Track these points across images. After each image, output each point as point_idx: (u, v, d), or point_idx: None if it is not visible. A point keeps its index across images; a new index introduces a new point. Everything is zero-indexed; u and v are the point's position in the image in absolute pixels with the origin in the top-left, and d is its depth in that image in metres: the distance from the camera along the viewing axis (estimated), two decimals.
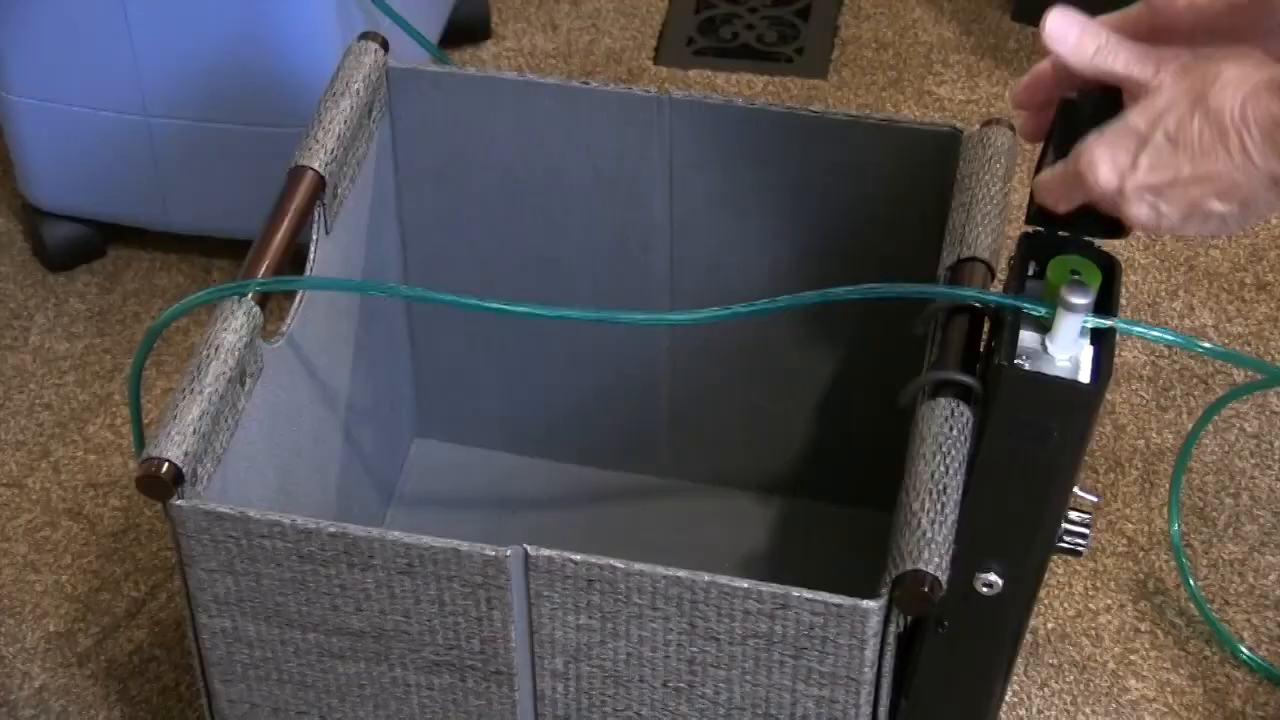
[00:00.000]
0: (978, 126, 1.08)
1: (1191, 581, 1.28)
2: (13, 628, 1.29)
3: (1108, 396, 1.20)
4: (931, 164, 1.10)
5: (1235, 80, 0.77)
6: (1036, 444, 0.86)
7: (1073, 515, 0.91)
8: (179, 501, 0.92)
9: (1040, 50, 0.85)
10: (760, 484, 1.30)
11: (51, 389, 1.46)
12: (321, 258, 1.08)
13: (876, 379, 1.17)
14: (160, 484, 0.91)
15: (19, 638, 1.28)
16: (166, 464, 0.91)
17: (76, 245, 1.55)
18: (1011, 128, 1.07)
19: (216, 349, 0.96)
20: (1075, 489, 0.90)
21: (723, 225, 1.18)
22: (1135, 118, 0.81)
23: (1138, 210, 0.81)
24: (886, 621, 0.88)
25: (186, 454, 0.91)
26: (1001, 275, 0.99)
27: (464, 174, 1.19)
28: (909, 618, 0.89)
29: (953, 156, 1.08)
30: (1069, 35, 0.83)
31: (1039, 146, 0.89)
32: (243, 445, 0.99)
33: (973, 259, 0.98)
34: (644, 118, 1.13)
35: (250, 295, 0.99)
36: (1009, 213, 1.04)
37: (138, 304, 1.53)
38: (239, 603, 0.96)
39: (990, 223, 1.01)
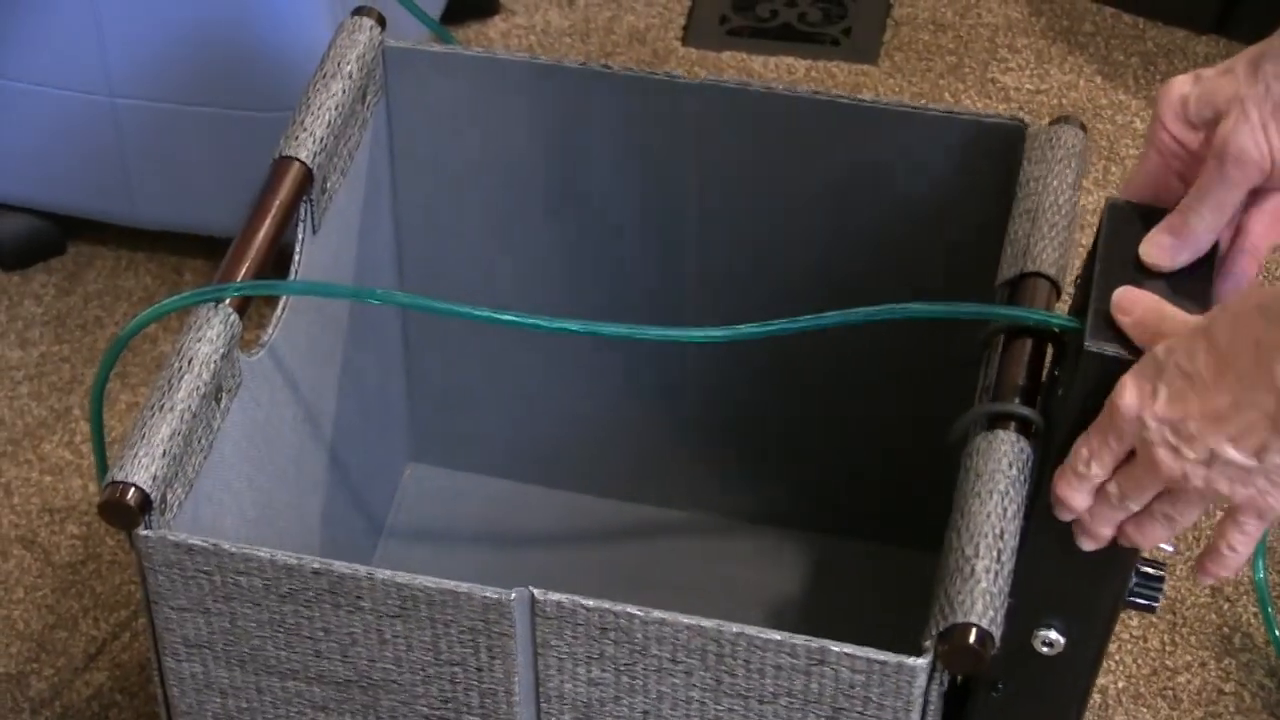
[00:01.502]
0: (1047, 122, 1.08)
1: (1279, 634, 1.29)
2: None
3: None
4: (993, 163, 1.10)
5: (1233, 304, 0.81)
6: None
7: (1145, 567, 0.91)
8: (145, 531, 0.93)
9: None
10: (790, 519, 1.31)
11: (3, 402, 1.47)
12: (307, 259, 1.09)
13: (919, 407, 1.17)
14: (126, 511, 0.92)
15: None
16: (133, 489, 0.92)
17: (33, 241, 1.56)
18: (1083, 126, 1.08)
19: (189, 361, 0.97)
20: None
21: (757, 228, 1.18)
22: (1159, 347, 0.84)
23: (1162, 455, 0.82)
24: (930, 680, 0.88)
25: (155, 478, 0.93)
26: (1069, 293, 1.00)
27: (467, 167, 1.20)
28: (958, 676, 0.89)
29: (1017, 155, 1.08)
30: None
31: (1114, 148, 0.90)
32: (217, 469, 1.00)
33: (1036, 274, 0.99)
34: (670, 106, 1.14)
35: (228, 301, 1.00)
36: (1082, 221, 1.05)
37: (100, 307, 1.54)
38: (211, 645, 0.97)
39: (1057, 234, 1.01)
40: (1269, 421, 0.79)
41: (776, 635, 0.88)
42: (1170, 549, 0.95)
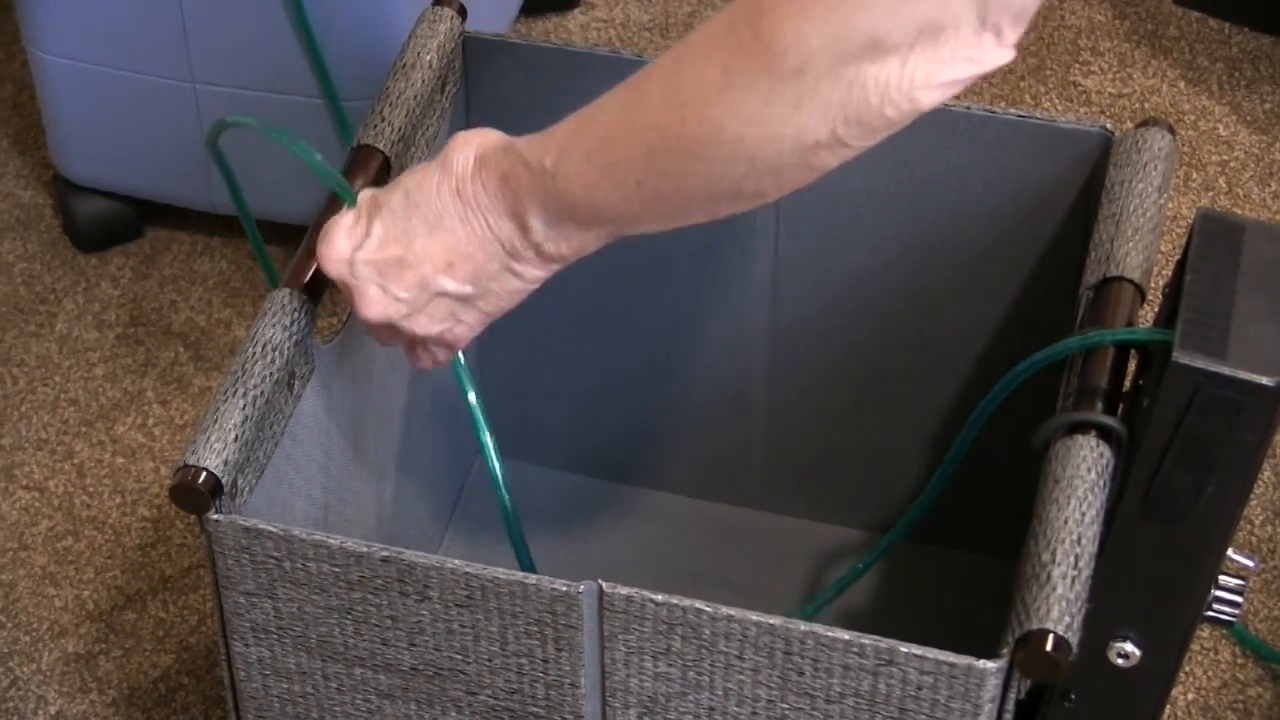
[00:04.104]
0: (1131, 126, 1.07)
1: None
2: (28, 646, 1.31)
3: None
4: (1076, 168, 1.09)
5: (465, 140, 0.90)
6: (1194, 474, 0.85)
7: (1224, 580, 0.90)
8: (216, 516, 0.93)
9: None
10: (862, 521, 1.30)
11: (78, 383, 1.48)
12: None
13: (998, 411, 1.16)
14: (196, 495, 0.92)
15: (35, 657, 1.30)
16: (204, 473, 0.92)
17: (110, 224, 1.57)
18: (1171, 129, 1.06)
19: (263, 347, 0.97)
20: (1229, 550, 0.90)
21: (832, 228, 1.18)
22: (376, 190, 0.93)
23: (365, 291, 0.92)
24: (1006, 686, 0.87)
25: (226, 463, 0.93)
26: (1154, 298, 0.98)
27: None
28: (1031, 683, 0.88)
29: (1102, 160, 1.07)
30: None
31: (1197, 154, 0.88)
32: (288, 455, 1.00)
33: (1120, 279, 0.98)
34: None
35: (301, 287, 1.00)
36: (1164, 227, 1.04)
37: (175, 292, 1.55)
38: (278, 630, 0.97)
39: (1143, 238, 1.00)
40: (502, 250, 0.90)
41: (845, 634, 0.87)
42: (1250, 563, 0.94)
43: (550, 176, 0.87)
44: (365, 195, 0.94)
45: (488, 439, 1.05)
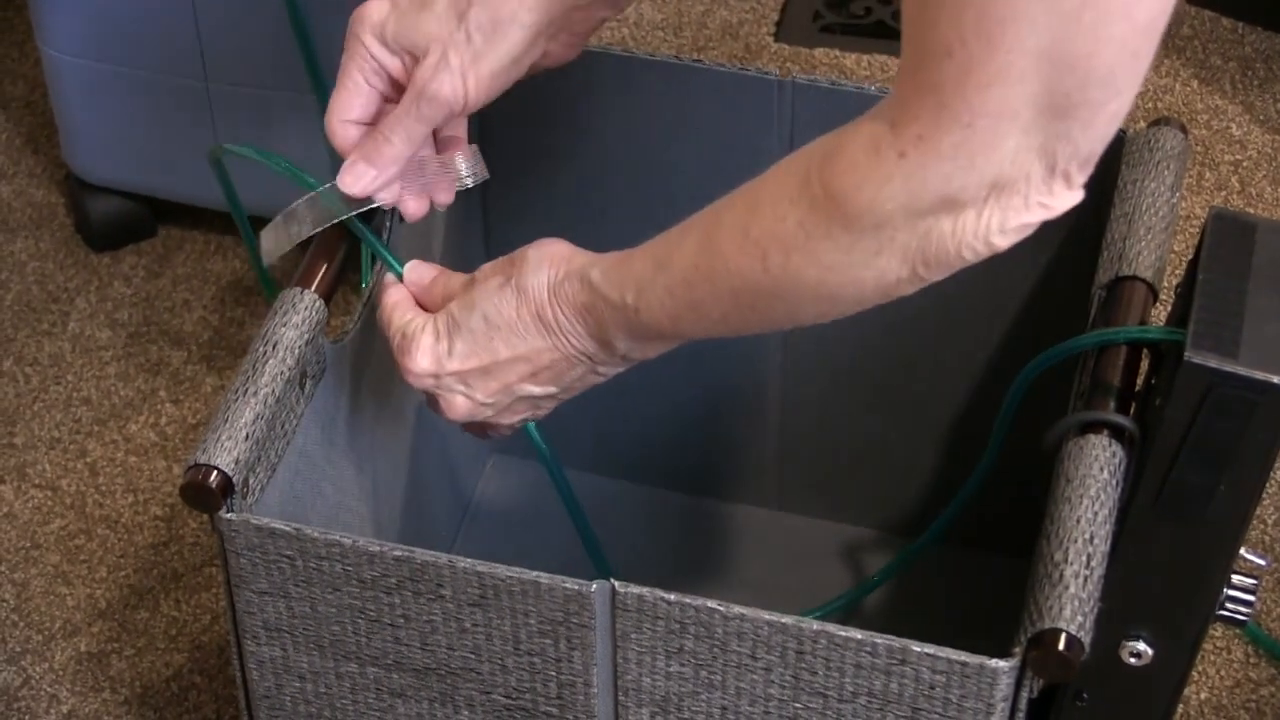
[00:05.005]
0: (1144, 125, 1.07)
1: None
2: (40, 645, 1.31)
3: None
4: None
5: (537, 262, 0.94)
6: (1206, 473, 0.85)
7: (1237, 579, 0.90)
8: (228, 515, 0.93)
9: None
10: (877, 521, 1.30)
11: (91, 382, 1.48)
12: (397, 246, 1.09)
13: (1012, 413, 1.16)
14: (207, 494, 0.92)
15: (47, 656, 1.31)
16: (215, 472, 0.92)
17: (124, 223, 1.58)
18: (1183, 128, 1.06)
19: (274, 346, 0.97)
20: (1242, 549, 0.90)
21: None
22: (452, 307, 0.96)
23: (451, 400, 0.97)
24: (1019, 685, 0.87)
25: (238, 461, 0.93)
26: (1166, 298, 0.98)
27: (556, 160, 1.20)
28: (1043, 683, 0.88)
29: (1114, 158, 1.07)
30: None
31: (1209, 153, 0.88)
32: (300, 454, 1.00)
33: (1133, 278, 0.98)
34: (762, 102, 1.13)
35: (314, 287, 1.00)
36: (1178, 226, 1.04)
37: (189, 291, 1.55)
38: (291, 629, 0.97)
39: (1155, 237, 1.00)
40: (583, 357, 0.95)
41: (857, 634, 0.87)
42: (1263, 562, 0.94)
43: (633, 311, 0.91)
44: (443, 317, 0.97)
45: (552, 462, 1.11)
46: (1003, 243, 0.81)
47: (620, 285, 0.91)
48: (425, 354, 0.96)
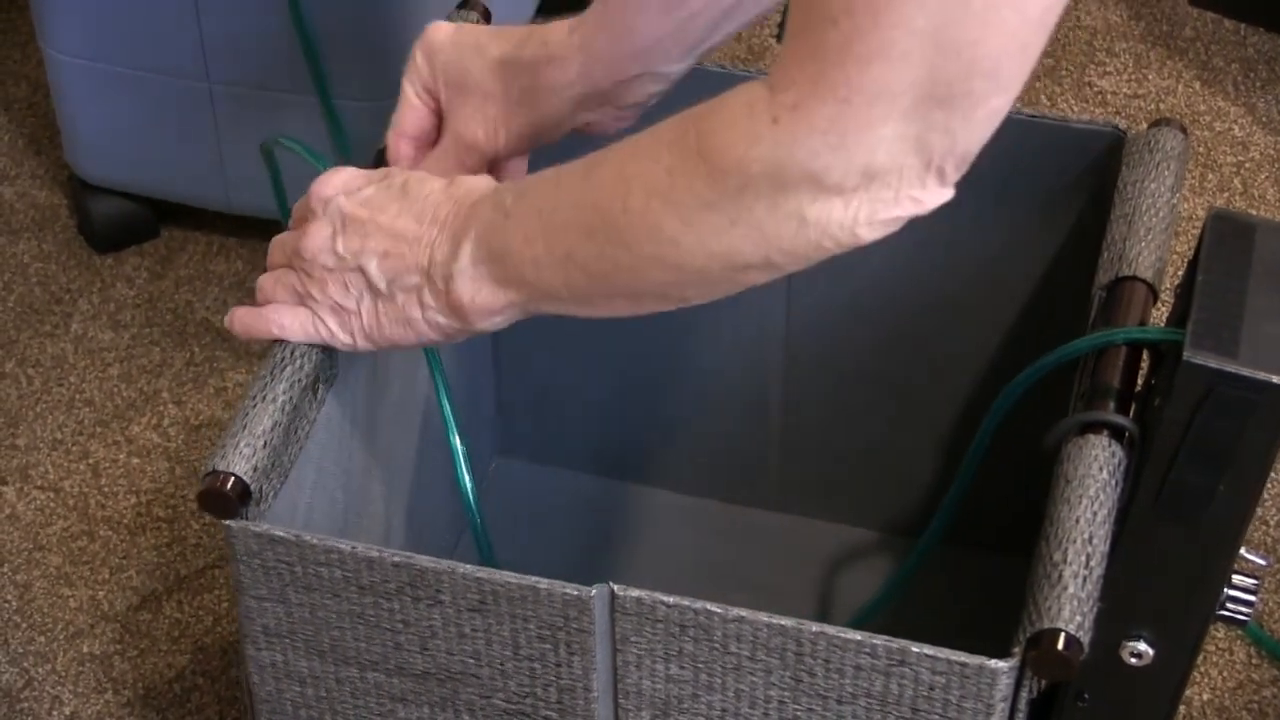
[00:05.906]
0: (1145, 126, 1.07)
1: None
2: (43, 646, 1.31)
3: None
4: (1090, 167, 1.09)
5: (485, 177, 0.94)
6: (1206, 473, 0.85)
7: (1238, 580, 0.90)
8: (228, 522, 0.93)
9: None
10: (878, 522, 1.30)
11: (93, 383, 1.48)
12: None
13: (1012, 412, 1.16)
14: (225, 501, 0.92)
15: (50, 658, 1.31)
16: (233, 479, 0.92)
17: (126, 224, 1.58)
18: (1183, 129, 1.06)
19: (291, 352, 0.97)
20: (1242, 549, 0.89)
21: None
22: (396, 168, 0.97)
23: (319, 228, 0.94)
24: (1018, 686, 0.87)
25: (256, 469, 0.93)
26: (1166, 298, 0.98)
27: (556, 160, 1.20)
28: (1043, 683, 0.88)
29: (1115, 160, 1.07)
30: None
31: (1211, 155, 0.88)
32: (311, 459, 1.00)
33: (1133, 278, 0.98)
34: None
35: None
36: (1179, 228, 1.04)
37: (191, 292, 1.55)
38: (291, 635, 0.97)
39: (1155, 238, 1.00)
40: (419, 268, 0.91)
41: (856, 635, 0.87)
42: (1263, 562, 0.94)
43: (504, 215, 0.89)
44: (382, 170, 0.97)
45: (457, 442, 1.06)
46: (869, 235, 0.80)
47: (514, 189, 0.90)
48: (343, 176, 0.95)
